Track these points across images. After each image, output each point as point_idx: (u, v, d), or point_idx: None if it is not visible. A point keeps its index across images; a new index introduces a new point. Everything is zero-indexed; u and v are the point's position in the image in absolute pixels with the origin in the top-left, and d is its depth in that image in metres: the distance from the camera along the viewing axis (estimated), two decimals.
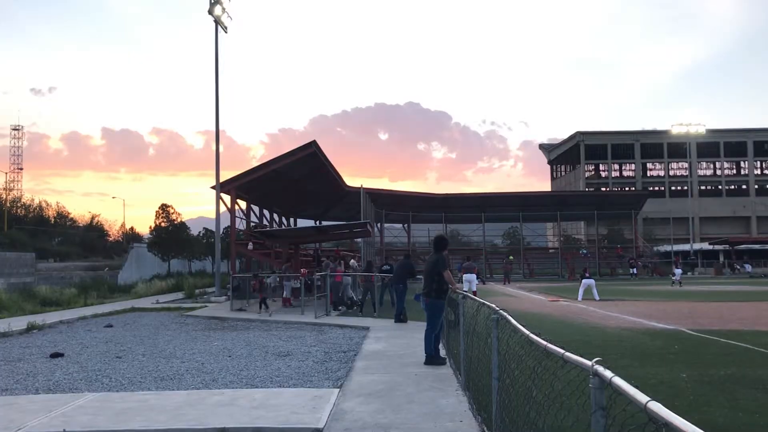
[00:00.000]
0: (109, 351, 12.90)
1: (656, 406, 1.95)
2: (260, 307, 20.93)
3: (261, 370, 10.34)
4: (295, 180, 36.43)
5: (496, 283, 45.10)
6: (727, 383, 8.41)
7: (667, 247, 66.85)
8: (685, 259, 65.93)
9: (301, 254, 34.31)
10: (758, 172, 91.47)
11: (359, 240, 41.11)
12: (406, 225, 61.98)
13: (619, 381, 2.36)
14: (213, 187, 29.92)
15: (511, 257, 58.51)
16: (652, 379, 8.72)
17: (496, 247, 73.03)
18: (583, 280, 26.26)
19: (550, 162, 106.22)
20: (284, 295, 23.54)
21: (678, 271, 40.15)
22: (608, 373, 2.46)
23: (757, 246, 67.46)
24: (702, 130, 79.79)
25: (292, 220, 48.99)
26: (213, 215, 30.91)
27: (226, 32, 30.51)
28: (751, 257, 63.81)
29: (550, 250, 67.52)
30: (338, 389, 8.32)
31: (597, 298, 25.27)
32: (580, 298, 25.57)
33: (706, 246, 68.94)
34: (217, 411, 7.16)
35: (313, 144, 31.53)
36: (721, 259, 66.20)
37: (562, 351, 3.11)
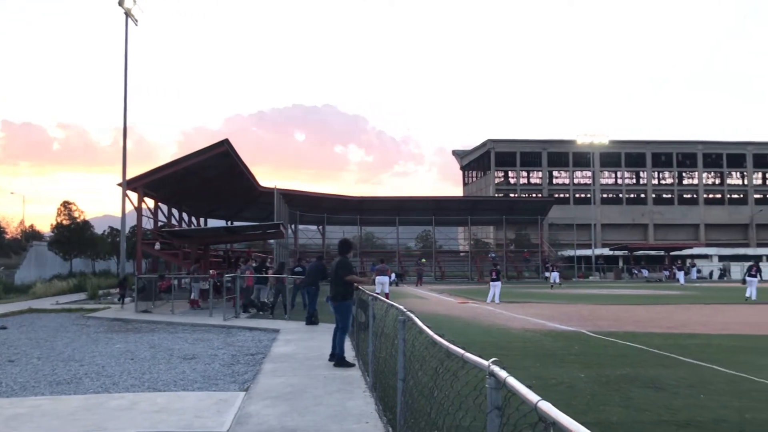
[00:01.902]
0: (0, 354, 12.20)
1: (546, 406, 2.01)
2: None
3: (165, 373, 10.05)
4: (207, 179, 35.60)
5: (409, 285, 45.61)
6: (621, 383, 8.82)
7: (570, 252, 69.50)
8: (588, 263, 68.78)
9: (211, 255, 33.57)
10: (655, 182, 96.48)
11: (272, 241, 40.59)
12: (321, 227, 61.75)
13: (513, 381, 2.43)
14: (119, 185, 28.86)
15: (423, 260, 59.35)
16: (552, 380, 9.03)
17: (410, 250, 73.87)
18: (492, 282, 26.90)
19: (462, 168, 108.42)
20: (192, 297, 22.96)
21: (555, 275, 42.61)
22: (503, 373, 2.53)
23: (653, 252, 71.14)
24: (605, 141, 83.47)
25: (202, 220, 47.84)
26: (119, 213, 29.84)
27: (136, 25, 29.53)
28: (647, 263, 67.24)
29: (461, 254, 68.89)
30: (244, 392, 8.19)
31: (497, 301, 25.90)
32: (488, 300, 26.18)
33: (606, 251, 72.12)
34: (117, 416, 6.90)
35: (226, 142, 30.89)
36: (621, 264, 69.41)
37: (462, 352, 3.17)
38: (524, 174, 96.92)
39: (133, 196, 29.53)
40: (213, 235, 31.09)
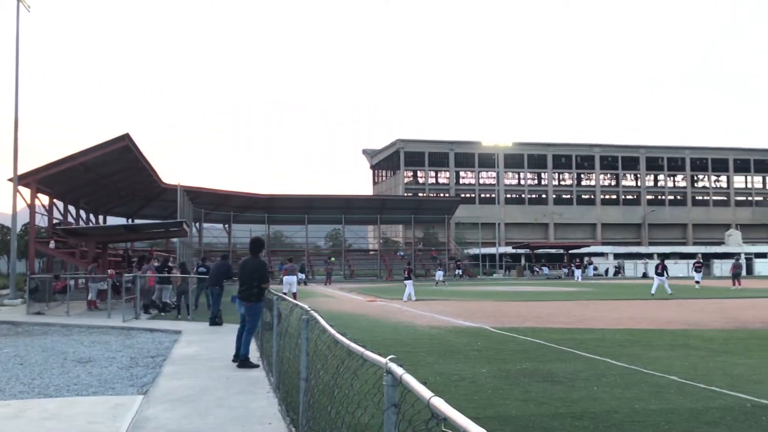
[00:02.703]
0: None
1: (438, 402, 2.03)
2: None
3: (57, 378, 9.55)
4: (106, 175, 34.17)
5: (318, 284, 45.43)
6: (521, 377, 9.09)
7: (475, 250, 71.29)
8: (493, 261, 70.76)
9: (110, 254, 32.23)
10: (556, 183, 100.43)
11: (176, 240, 39.43)
12: (227, 225, 60.53)
13: (408, 378, 2.43)
14: (10, 180, 27.25)
15: (333, 258, 59.32)
16: (455, 375, 9.20)
17: (319, 249, 73.65)
18: (405, 281, 27.16)
19: (372, 167, 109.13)
20: (89, 298, 21.97)
21: (440, 273, 44.02)
22: (400, 370, 2.53)
23: (553, 250, 74.02)
24: (509, 143, 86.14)
25: (101, 217, 45.86)
26: (9, 210, 28.17)
27: (29, 11, 27.95)
28: (548, 260, 69.95)
29: (371, 252, 69.31)
30: (143, 396, 7.89)
31: (414, 298, 26.21)
32: (405, 298, 26.28)
33: (510, 249, 74.44)
34: (1, 426, 6.48)
35: (126, 137, 29.74)
36: (523, 261, 71.81)
37: (362, 350, 3.16)
38: (432, 174, 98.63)
39: (26, 192, 27.97)
40: (112, 233, 29.85)
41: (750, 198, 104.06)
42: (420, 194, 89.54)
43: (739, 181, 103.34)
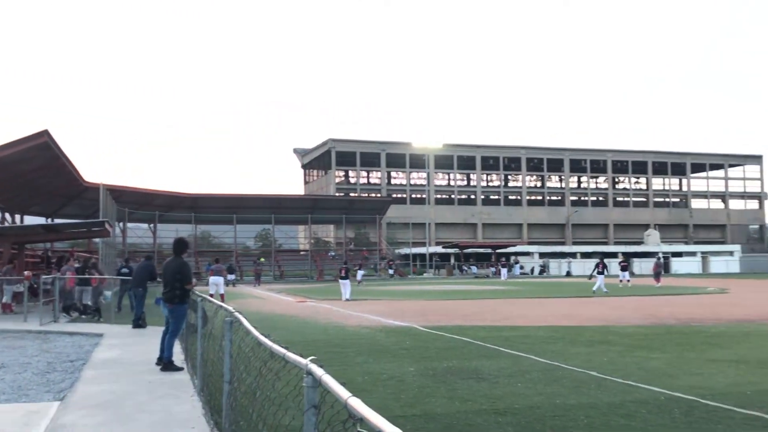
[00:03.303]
0: None
1: (355, 402, 2.03)
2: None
3: None
4: (23, 173, 32.68)
5: (247, 285, 44.81)
6: (447, 375, 9.22)
7: (406, 250, 71.84)
8: (423, 261, 71.46)
9: (28, 255, 30.87)
10: (484, 184, 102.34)
11: (98, 240, 38.12)
12: (152, 225, 58.94)
13: (328, 379, 2.43)
14: None
15: (262, 259, 58.61)
16: (383, 374, 9.25)
17: (248, 249, 72.67)
18: (341, 281, 27.04)
19: (303, 166, 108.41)
20: (4, 301, 20.98)
21: (360, 272, 44.47)
22: (320, 371, 2.52)
23: (481, 250, 75.34)
24: (439, 144, 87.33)
25: (18, 217, 43.86)
26: None
27: None
28: (476, 260, 71.17)
29: (301, 252, 68.84)
30: (59, 402, 7.59)
31: (346, 298, 26.13)
32: (343, 298, 26.12)
33: (440, 249, 75.36)
34: None
35: (45, 133, 28.52)
36: (452, 261, 72.83)
37: (284, 351, 3.13)
38: (364, 174, 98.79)
39: None
40: (29, 233, 28.57)
41: (667, 199, 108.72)
42: (351, 194, 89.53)
43: (657, 183, 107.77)
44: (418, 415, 6.87)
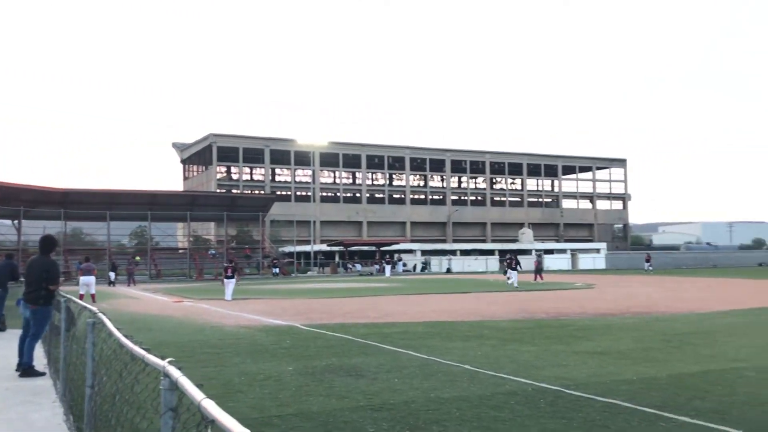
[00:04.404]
0: None
1: (208, 404, 1.96)
2: None
3: None
4: None
5: (121, 285, 42.81)
6: (326, 373, 9.20)
7: (291, 248, 71.24)
8: (308, 259, 71.14)
9: None
10: (369, 182, 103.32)
11: None
12: (16, 221, 55.03)
13: (184, 381, 2.34)
14: None
15: (137, 258, 56.19)
16: (260, 375, 9.11)
17: (123, 247, 69.49)
18: (226, 280, 26.27)
19: (182, 161, 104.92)
20: None
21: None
22: (177, 373, 2.42)
23: (366, 247, 76.04)
24: (325, 142, 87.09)
25: None
26: None
27: None
28: (361, 257, 71.72)
29: (180, 251, 66.63)
30: None
31: (230, 297, 25.41)
32: (228, 297, 25.32)
33: (324, 247, 75.29)
34: None
35: None
36: (337, 259, 72.98)
37: (143, 353, 2.99)
38: (247, 170, 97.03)
39: None
40: None
41: (540, 199, 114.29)
42: (234, 191, 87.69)
43: (531, 184, 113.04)
44: (294, 414, 6.81)
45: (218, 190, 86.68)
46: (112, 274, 43.52)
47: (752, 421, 6.37)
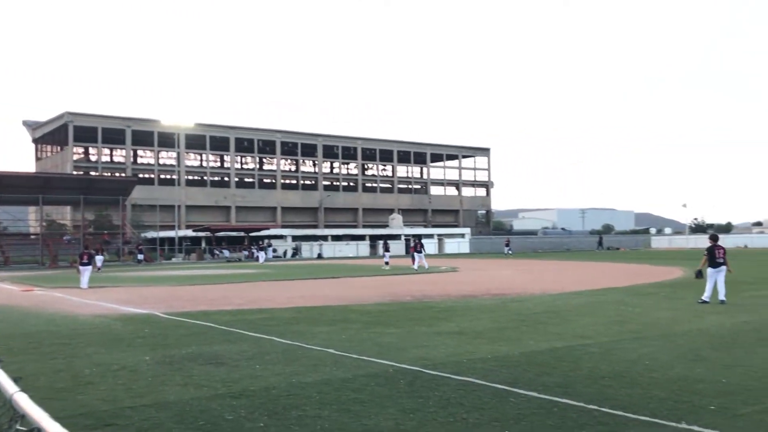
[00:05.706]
0: None
1: (20, 397, 1.81)
2: None
3: None
4: None
5: None
6: (185, 361, 8.92)
7: (154, 234, 68.40)
8: (172, 245, 68.60)
9: None
10: (238, 166, 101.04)
11: None
12: None
13: None
14: None
15: None
16: (115, 365, 8.69)
17: None
18: (81, 267, 24.87)
19: (34, 141, 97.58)
20: None
21: (99, 258, 41.39)
22: None
23: (234, 233, 74.38)
24: (191, 123, 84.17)
25: None
26: None
27: None
28: (229, 243, 70.09)
29: (32, 236, 62.14)
30: None
31: (85, 286, 24.03)
32: (83, 285, 23.91)
33: (190, 233, 72.89)
34: None
35: None
36: (204, 245, 70.91)
37: None
38: (106, 151, 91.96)
39: None
40: None
41: (410, 186, 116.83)
42: (92, 173, 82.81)
43: (401, 170, 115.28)
44: (149, 405, 6.55)
45: (75, 172, 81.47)
46: None
47: (593, 394, 6.85)
